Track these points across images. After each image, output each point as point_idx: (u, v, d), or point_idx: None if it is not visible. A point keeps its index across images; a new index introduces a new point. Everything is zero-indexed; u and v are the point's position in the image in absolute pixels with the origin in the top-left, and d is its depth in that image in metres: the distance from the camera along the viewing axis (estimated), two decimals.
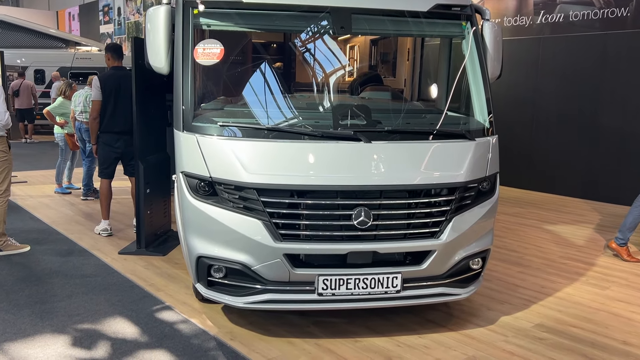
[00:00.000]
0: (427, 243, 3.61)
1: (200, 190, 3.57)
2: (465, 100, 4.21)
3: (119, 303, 4.22)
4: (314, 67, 4.57)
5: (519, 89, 9.56)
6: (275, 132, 3.57)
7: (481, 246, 3.88)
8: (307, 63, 4.60)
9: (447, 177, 3.65)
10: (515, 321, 4.08)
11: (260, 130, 3.58)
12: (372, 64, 6.96)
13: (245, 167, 3.43)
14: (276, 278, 3.50)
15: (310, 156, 3.53)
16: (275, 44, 7.14)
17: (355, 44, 7.20)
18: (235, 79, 4.29)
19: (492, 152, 3.94)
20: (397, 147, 3.66)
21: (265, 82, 4.28)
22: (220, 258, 3.54)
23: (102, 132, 5.87)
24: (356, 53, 7.26)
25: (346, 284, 3.51)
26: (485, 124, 4.02)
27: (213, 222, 3.50)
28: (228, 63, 4.48)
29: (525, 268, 5.31)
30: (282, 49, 6.94)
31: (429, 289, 3.70)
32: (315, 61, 4.47)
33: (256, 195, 3.41)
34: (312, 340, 3.68)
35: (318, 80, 4.54)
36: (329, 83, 4.42)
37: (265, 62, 4.44)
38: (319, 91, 4.44)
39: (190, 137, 3.63)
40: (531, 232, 6.66)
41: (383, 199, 3.54)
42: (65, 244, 5.73)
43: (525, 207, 8.09)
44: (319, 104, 4.20)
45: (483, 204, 3.84)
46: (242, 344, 3.59)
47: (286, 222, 3.45)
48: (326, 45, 4.48)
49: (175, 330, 3.77)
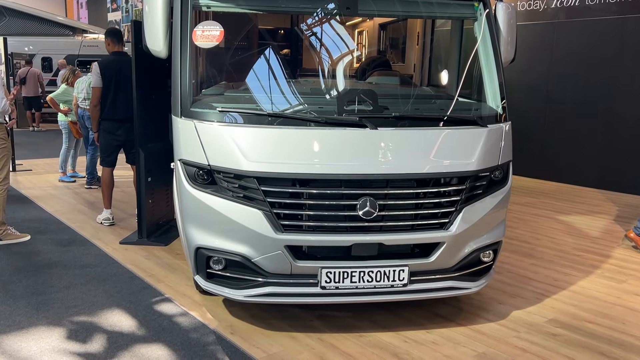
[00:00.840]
0: (435, 235, 3.44)
1: (199, 178, 3.42)
2: (477, 86, 4.02)
3: (118, 295, 4.10)
4: (319, 51, 4.39)
5: (532, 75, 9.31)
6: (277, 118, 3.40)
7: (492, 238, 3.71)
8: (312, 47, 4.42)
9: (457, 165, 3.48)
10: (528, 316, 3.91)
11: (261, 116, 3.41)
12: (380, 49, 6.75)
13: (245, 154, 3.28)
14: (277, 270, 3.36)
15: (313, 143, 3.37)
16: (278, 27, 6.94)
17: (364, 29, 7.00)
18: (236, 63, 4.13)
19: (505, 140, 3.75)
20: (405, 134, 3.49)
21: (268, 67, 4.11)
22: (219, 249, 3.40)
23: (103, 120, 5.74)
24: (364, 38, 7.06)
25: (350, 277, 3.36)
26: (498, 109, 3.84)
27: (212, 212, 3.35)
28: (229, 46, 4.31)
29: (538, 260, 5.13)
30: (285, 32, 6.75)
31: (437, 283, 3.54)
32: (321, 45, 4.29)
33: (256, 184, 3.26)
34: (315, 334, 3.54)
35: (323, 65, 4.36)
36: (334, 68, 4.24)
37: (268, 45, 4.26)
38: (324, 76, 4.26)
39: (188, 123, 3.47)
40: (544, 223, 6.46)
41: (389, 189, 3.37)
42: (67, 234, 5.63)
43: (538, 197, 7.88)
44: (323, 89, 4.03)
45: (495, 193, 3.66)
46: (242, 339, 3.45)
47: (288, 212, 3.30)
48: (332, 29, 4.30)
49: (174, 323, 3.65)
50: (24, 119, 16.02)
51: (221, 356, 3.24)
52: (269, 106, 3.61)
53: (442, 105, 4.06)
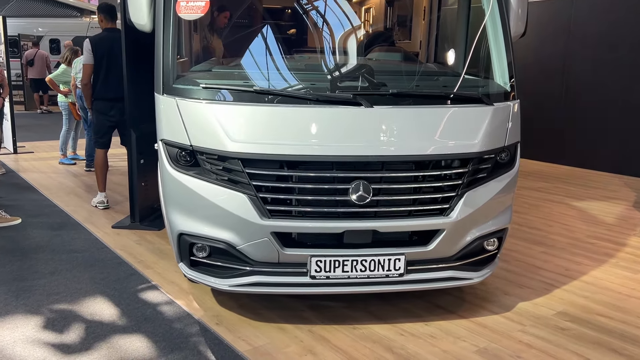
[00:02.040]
0: (434, 221, 3.20)
1: (181, 160, 3.20)
2: (484, 62, 3.73)
3: (103, 281, 3.93)
4: (317, 26, 4.11)
5: (547, 55, 8.92)
6: (264, 96, 3.16)
7: (497, 225, 3.45)
8: (310, 21, 4.15)
9: (459, 146, 3.21)
10: (535, 308, 3.66)
11: (246, 93, 3.17)
12: (387, 26, 6.44)
13: (229, 134, 3.05)
14: (264, 259, 3.15)
15: (302, 122, 3.12)
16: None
17: (370, 5, 6.69)
18: (225, 37, 3.88)
19: (513, 119, 3.47)
20: (403, 112, 3.22)
21: (260, 42, 3.85)
22: (202, 236, 3.19)
23: (95, 99, 5.54)
24: (370, 15, 6.75)
25: (342, 266, 3.13)
26: (505, 87, 3.55)
27: (194, 196, 3.14)
28: (218, 20, 4.07)
29: (549, 248, 4.86)
30: (281, 5, 6.42)
31: (437, 273, 3.30)
32: (320, 19, 4.01)
33: (241, 166, 3.03)
34: (305, 326, 3.33)
35: (321, 41, 4.09)
36: (333, 43, 3.96)
37: (261, 19, 4.01)
38: (321, 52, 3.99)
39: (170, 100, 3.25)
40: (557, 209, 6.17)
41: (385, 172, 3.12)
42: (59, 217, 5.47)
43: (551, 182, 7.56)
44: (318, 66, 3.77)
45: (501, 177, 3.40)
46: (228, 330, 3.26)
47: (274, 196, 3.07)
48: (334, 2, 4.04)
49: (158, 312, 3.47)
50: (31, 101, 15.94)
51: (203, 349, 3.05)
52: (257, 83, 3.36)
53: (445, 82, 3.79)
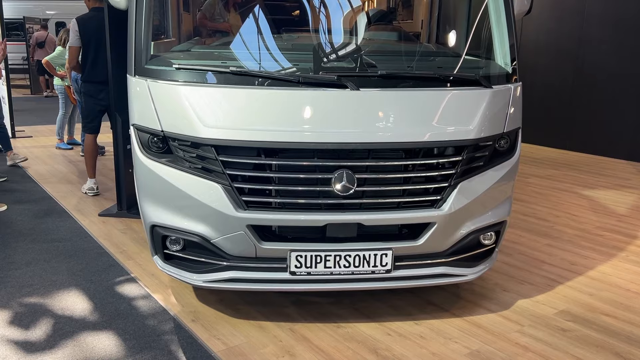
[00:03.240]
0: (425, 214, 2.96)
1: (153, 146, 2.99)
2: (485, 42, 3.45)
3: (81, 273, 3.76)
4: (309, 2, 3.85)
5: (560, 39, 8.55)
6: (240, 77, 2.92)
7: (495, 217, 3.21)
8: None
9: (453, 132, 2.96)
10: (535, 306, 3.42)
11: (221, 74, 2.93)
12: (388, 4, 6.13)
13: (202, 119, 2.82)
14: (241, 253, 2.94)
15: (281, 106, 2.88)
16: None
17: None
18: (204, 14, 3.64)
19: (514, 104, 3.20)
20: (392, 95, 2.97)
21: (248, 20, 3.61)
22: (176, 228, 2.98)
23: (83, 82, 5.35)
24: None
25: (324, 262, 2.91)
26: (506, 68, 3.28)
27: (167, 186, 2.93)
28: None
29: (555, 240, 4.60)
30: None
31: (427, 269, 3.06)
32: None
33: (214, 153, 2.81)
34: (287, 324, 3.13)
35: (312, 18, 3.81)
36: (326, 22, 3.69)
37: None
38: (311, 30, 3.72)
39: (141, 82, 3.02)
40: (565, 198, 5.88)
41: (371, 160, 2.88)
42: (47, 204, 5.31)
43: (560, 169, 7.25)
44: (306, 45, 3.51)
45: (499, 166, 3.14)
46: (204, 327, 3.07)
47: (250, 186, 2.85)
48: None
49: (132, 307, 3.28)
50: (37, 84, 15.83)
51: (174, 348, 2.86)
52: (235, 64, 3.13)
53: (441, 63, 3.51)
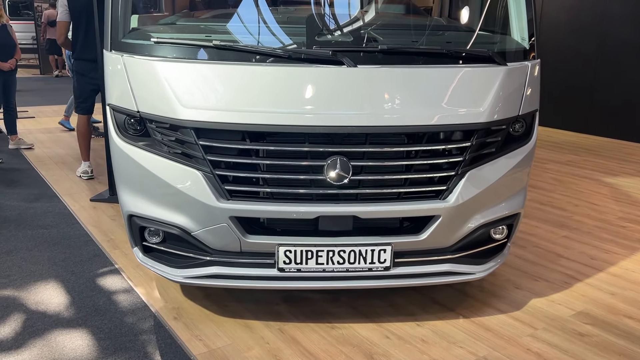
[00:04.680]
0: (428, 206, 2.66)
1: (129, 129, 2.72)
2: (500, 15, 3.11)
3: (62, 263, 3.54)
4: None
5: (582, 15, 8.08)
6: (223, 52, 2.62)
7: (507, 210, 2.90)
8: None
9: (462, 115, 2.64)
10: (551, 307, 3.12)
11: (203, 48, 2.64)
12: None
13: (181, 98, 2.54)
14: (224, 247, 2.67)
15: (269, 85, 2.59)
16: None
17: None
18: None
19: (531, 83, 2.87)
20: (394, 73, 2.66)
21: None
22: (154, 219, 2.73)
23: (75, 60, 5.09)
24: None
25: (316, 258, 2.64)
26: (523, 44, 2.94)
27: (144, 172, 2.67)
28: None
29: (573, 231, 4.27)
30: None
31: (430, 266, 2.78)
32: None
33: (194, 136, 2.53)
34: (276, 323, 2.87)
35: None
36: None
37: None
38: (314, 2, 3.39)
39: (116, 57, 2.75)
40: (585, 186, 5.52)
41: (369, 146, 2.59)
42: (38, 187, 5.10)
43: (581, 154, 6.86)
44: (302, 18, 3.19)
45: (512, 153, 2.83)
46: (186, 326, 2.82)
47: (234, 174, 2.58)
48: None
49: (112, 302, 3.05)
50: (47, 64, 15.65)
51: (151, 350, 2.62)
52: (220, 37, 2.83)
53: (450, 37, 3.18)
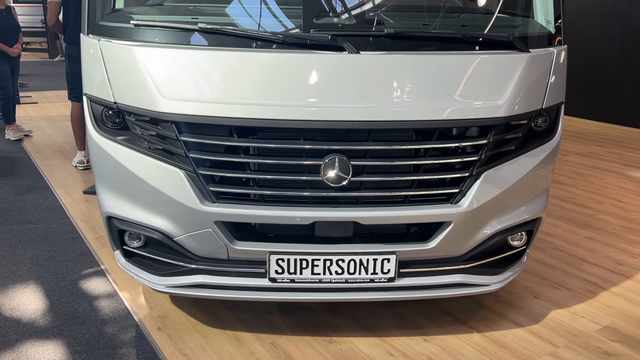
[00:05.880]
0: (438, 211, 2.37)
1: (107, 121, 2.46)
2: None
3: (46, 263, 3.31)
4: None
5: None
6: (209, 36, 2.34)
7: (527, 214, 2.60)
8: None
9: (477, 109, 2.34)
10: (573, 320, 2.83)
11: (186, 31, 2.36)
12: None
13: (161, 88, 2.26)
14: (210, 254, 2.42)
15: (260, 73, 2.30)
16: None
17: None
18: None
19: (556, 72, 2.55)
20: (401, 61, 2.35)
21: None
22: (133, 222, 2.47)
23: (67, 44, 4.84)
24: None
25: (311, 267, 2.37)
26: (548, 27, 2.62)
27: (122, 170, 2.41)
28: None
29: (597, 232, 3.95)
30: None
31: (439, 277, 2.49)
32: None
33: (175, 131, 2.26)
34: (269, 336, 2.62)
35: None
36: None
37: None
38: None
39: (93, 42, 2.47)
40: (610, 180, 5.17)
41: (372, 143, 2.29)
42: (31, 178, 4.88)
43: (605, 146, 6.48)
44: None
45: (534, 151, 2.52)
46: (170, 338, 2.58)
47: (220, 174, 2.31)
48: None
49: (93, 309, 2.82)
50: (56, 47, 15.45)
51: None
52: (208, 20, 2.54)
53: (466, 20, 2.85)
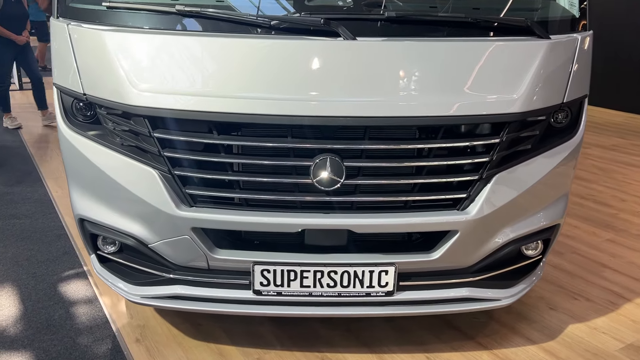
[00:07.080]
0: (443, 219, 2.11)
1: (78, 114, 2.23)
2: None
3: (26, 262, 3.12)
4: None
5: None
6: (186, 19, 2.09)
7: (544, 220, 2.33)
8: None
9: (489, 103, 2.06)
10: (593, 336, 2.56)
11: (162, 14, 2.10)
12: None
13: (133, 79, 2.02)
14: (188, 263, 2.19)
15: (245, 63, 2.04)
16: None
17: None
18: None
19: (580, 61, 2.25)
20: (402, 48, 2.08)
21: None
22: (106, 226, 2.25)
23: None
24: None
25: (300, 279, 2.13)
26: (571, 10, 2.32)
27: (93, 169, 2.18)
28: None
29: (619, 234, 3.66)
30: None
31: (444, 291, 2.24)
32: None
33: (148, 127, 2.02)
34: (256, 350, 2.40)
35: None
36: None
37: None
38: None
39: (61, 26, 2.24)
40: (634, 176, 4.85)
41: (368, 141, 2.03)
42: (23, 169, 4.70)
43: (629, 138, 6.13)
44: None
45: (553, 150, 2.24)
46: (148, 352, 2.37)
47: (198, 175, 2.06)
48: None
49: (69, 316, 2.62)
50: None
51: None
52: (188, 2, 2.29)
53: (479, 2, 2.56)
